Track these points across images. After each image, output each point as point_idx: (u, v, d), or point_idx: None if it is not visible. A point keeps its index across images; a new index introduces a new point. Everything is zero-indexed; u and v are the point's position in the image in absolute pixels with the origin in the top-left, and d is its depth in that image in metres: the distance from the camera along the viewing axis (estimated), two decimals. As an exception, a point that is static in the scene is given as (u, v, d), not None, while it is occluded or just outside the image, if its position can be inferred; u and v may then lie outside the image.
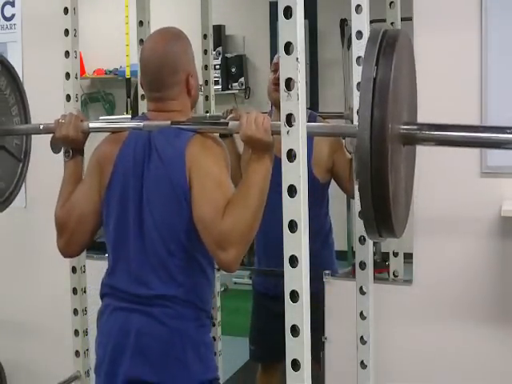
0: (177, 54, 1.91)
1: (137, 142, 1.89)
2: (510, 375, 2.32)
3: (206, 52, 2.78)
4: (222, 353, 2.70)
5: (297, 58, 1.34)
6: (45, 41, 2.92)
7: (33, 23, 3.05)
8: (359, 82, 1.98)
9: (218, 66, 5.40)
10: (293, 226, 1.36)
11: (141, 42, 2.55)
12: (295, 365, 1.36)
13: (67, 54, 2.29)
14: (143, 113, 2.53)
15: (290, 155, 1.37)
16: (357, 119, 1.97)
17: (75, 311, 2.39)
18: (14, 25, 3.13)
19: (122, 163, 1.89)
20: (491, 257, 2.33)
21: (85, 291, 2.40)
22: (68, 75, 2.30)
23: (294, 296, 1.36)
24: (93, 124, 2.05)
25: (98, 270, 2.03)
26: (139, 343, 1.82)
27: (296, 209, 1.36)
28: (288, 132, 1.37)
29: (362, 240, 2.08)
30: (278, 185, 1.41)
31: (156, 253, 1.83)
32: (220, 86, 5.39)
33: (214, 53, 5.10)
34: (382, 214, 1.56)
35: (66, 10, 2.28)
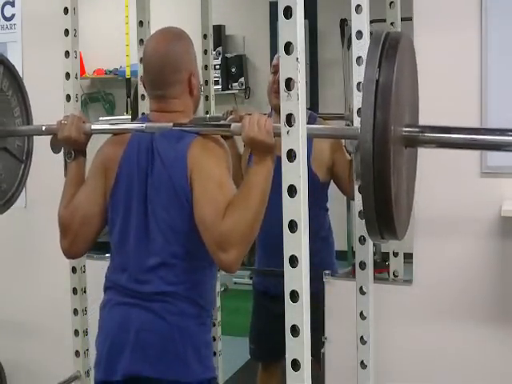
0: (179, 53, 1.92)
1: (140, 144, 1.89)
2: (510, 375, 2.32)
3: (205, 52, 2.77)
4: (221, 353, 2.70)
5: (297, 58, 1.34)
6: (45, 41, 2.92)
7: (33, 23, 3.05)
8: (359, 82, 2.00)
9: (218, 66, 5.40)
10: (293, 226, 1.36)
11: (141, 41, 2.55)
12: (295, 365, 1.36)
13: (67, 54, 2.29)
14: (143, 113, 2.56)
15: (289, 155, 1.37)
16: (357, 120, 1.98)
17: (75, 311, 2.39)
18: (14, 25, 3.13)
19: (126, 166, 1.89)
20: (491, 257, 2.33)
21: (85, 291, 2.40)
22: (68, 75, 2.30)
23: (294, 296, 1.36)
24: (95, 126, 2.05)
25: (98, 270, 2.03)
26: (139, 339, 1.83)
27: (296, 209, 1.36)
28: (288, 132, 1.37)
29: (362, 240, 2.08)
30: (279, 185, 1.41)
31: (159, 255, 1.84)
32: (220, 86, 5.40)
33: (214, 53, 5.10)
34: (384, 216, 1.56)
35: (66, 10, 2.28)
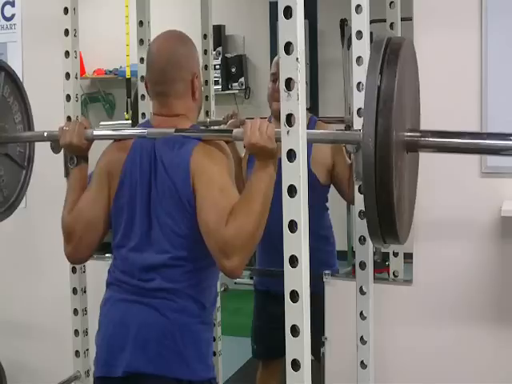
0: (184, 54, 1.93)
1: (142, 151, 1.89)
2: (510, 375, 2.32)
3: (205, 52, 2.78)
4: (222, 353, 2.70)
5: (297, 58, 1.34)
6: (45, 41, 2.92)
7: (33, 23, 3.05)
8: (359, 82, 1.99)
9: (217, 66, 5.41)
10: (293, 226, 1.36)
11: (141, 41, 2.56)
12: (295, 365, 1.36)
13: (67, 54, 2.29)
14: (143, 114, 2.56)
15: (289, 155, 1.37)
16: (357, 121, 1.98)
17: (75, 311, 2.39)
18: (14, 25, 3.13)
19: (129, 170, 1.89)
20: (491, 257, 2.33)
21: (85, 291, 2.40)
22: (68, 75, 2.30)
23: (294, 296, 1.36)
24: (97, 131, 2.04)
25: (98, 270, 2.03)
26: (139, 335, 1.82)
27: (296, 209, 1.36)
28: (288, 132, 1.37)
29: (362, 240, 2.08)
30: (279, 184, 1.41)
31: (163, 258, 1.84)
32: (220, 86, 5.40)
33: (214, 53, 5.10)
34: (386, 220, 1.57)
35: (66, 10, 2.28)
